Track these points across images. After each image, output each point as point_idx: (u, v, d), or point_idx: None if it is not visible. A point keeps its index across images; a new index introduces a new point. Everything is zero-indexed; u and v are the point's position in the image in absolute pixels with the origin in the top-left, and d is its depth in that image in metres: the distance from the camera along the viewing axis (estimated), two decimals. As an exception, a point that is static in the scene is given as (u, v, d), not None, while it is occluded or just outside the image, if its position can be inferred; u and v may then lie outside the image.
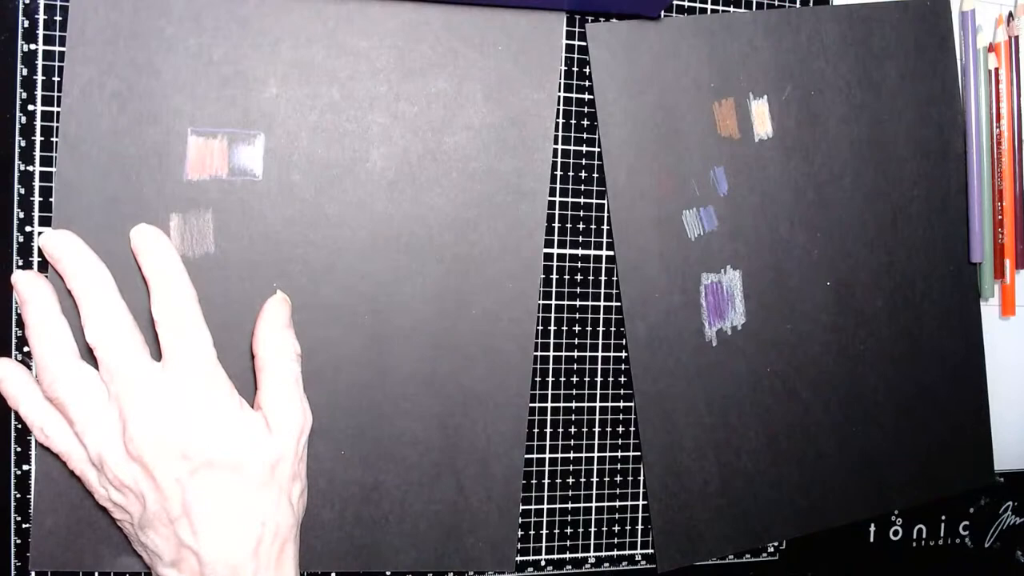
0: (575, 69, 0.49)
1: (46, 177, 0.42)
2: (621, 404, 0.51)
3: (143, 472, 0.38)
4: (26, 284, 0.41)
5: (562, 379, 0.50)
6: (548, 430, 0.50)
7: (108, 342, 0.39)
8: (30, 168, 0.42)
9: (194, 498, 0.38)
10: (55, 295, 0.41)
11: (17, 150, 0.42)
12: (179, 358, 0.39)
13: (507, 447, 0.48)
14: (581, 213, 0.49)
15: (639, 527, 0.51)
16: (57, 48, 0.42)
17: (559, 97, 0.49)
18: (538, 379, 0.49)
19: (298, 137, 0.44)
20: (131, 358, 0.39)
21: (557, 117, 0.49)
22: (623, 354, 0.50)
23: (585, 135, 0.49)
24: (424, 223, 0.46)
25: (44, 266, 0.42)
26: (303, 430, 0.42)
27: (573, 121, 0.49)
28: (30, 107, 0.42)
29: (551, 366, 0.49)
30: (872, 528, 0.56)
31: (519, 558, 0.49)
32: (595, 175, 0.50)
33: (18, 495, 0.43)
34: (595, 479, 0.51)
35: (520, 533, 0.49)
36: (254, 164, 0.44)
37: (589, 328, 0.50)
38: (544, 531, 0.50)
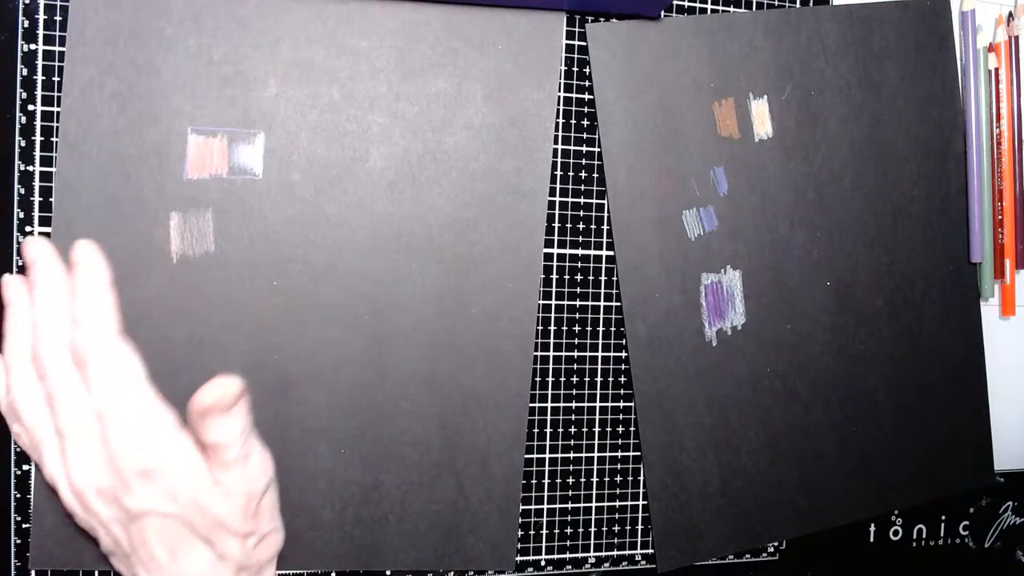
0: (575, 69, 0.49)
1: (46, 177, 0.42)
2: (621, 404, 0.51)
3: (86, 511, 0.37)
4: (10, 288, 0.40)
5: (562, 379, 0.50)
6: (548, 430, 0.50)
7: (50, 371, 0.37)
8: (30, 168, 0.42)
9: (139, 541, 0.37)
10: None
11: (17, 150, 0.42)
12: (106, 391, 0.37)
13: (507, 447, 0.48)
14: (581, 213, 0.49)
15: (639, 527, 0.51)
16: (57, 48, 0.42)
17: (559, 97, 0.49)
18: (538, 379, 0.49)
19: (298, 137, 0.44)
20: (69, 394, 0.37)
21: (557, 117, 0.49)
22: (623, 354, 0.50)
23: (585, 135, 0.49)
24: (424, 223, 0.46)
25: (44, 266, 0.42)
26: (264, 488, 0.39)
27: (573, 121, 0.49)
28: (30, 107, 0.42)
29: (551, 366, 0.49)
30: (872, 528, 0.56)
31: (519, 558, 0.49)
32: (595, 175, 0.50)
33: (18, 495, 0.43)
34: (595, 479, 0.51)
35: (520, 533, 0.49)
36: (254, 163, 0.44)
37: (589, 328, 0.50)
38: (544, 531, 0.50)
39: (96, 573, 0.44)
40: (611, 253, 0.50)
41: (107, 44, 0.42)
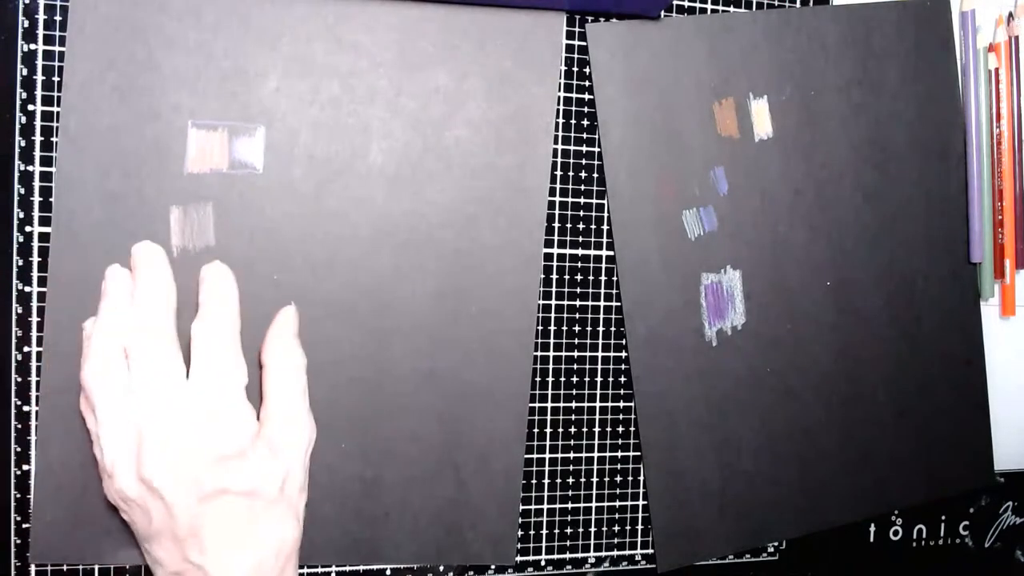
0: (575, 69, 0.49)
1: (46, 177, 0.42)
2: (621, 404, 0.51)
3: (151, 494, 0.38)
4: (114, 280, 0.41)
5: (562, 379, 0.50)
6: (548, 430, 0.50)
7: (141, 354, 0.39)
8: (30, 168, 0.42)
9: (204, 522, 0.38)
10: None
11: (17, 150, 0.42)
12: (207, 383, 0.39)
13: (507, 442, 0.48)
14: (581, 213, 0.49)
15: (639, 527, 0.51)
16: (57, 48, 0.42)
17: (559, 97, 0.49)
18: (538, 379, 0.49)
19: (299, 131, 0.44)
20: (159, 376, 0.38)
21: (557, 117, 0.49)
22: (623, 354, 0.50)
23: (585, 135, 0.49)
24: (424, 219, 0.46)
25: (43, 265, 0.42)
26: (309, 442, 0.42)
27: (573, 121, 0.49)
28: (30, 107, 0.42)
29: (551, 366, 0.49)
30: (872, 528, 0.56)
31: (519, 558, 0.49)
32: (595, 175, 0.50)
33: (18, 495, 0.43)
34: (595, 479, 0.51)
35: (520, 533, 0.49)
36: (255, 158, 0.44)
37: (589, 328, 0.50)
38: (544, 531, 0.50)
39: (96, 569, 0.44)
40: (611, 253, 0.50)
41: (107, 39, 0.42)
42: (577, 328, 0.50)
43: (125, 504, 0.39)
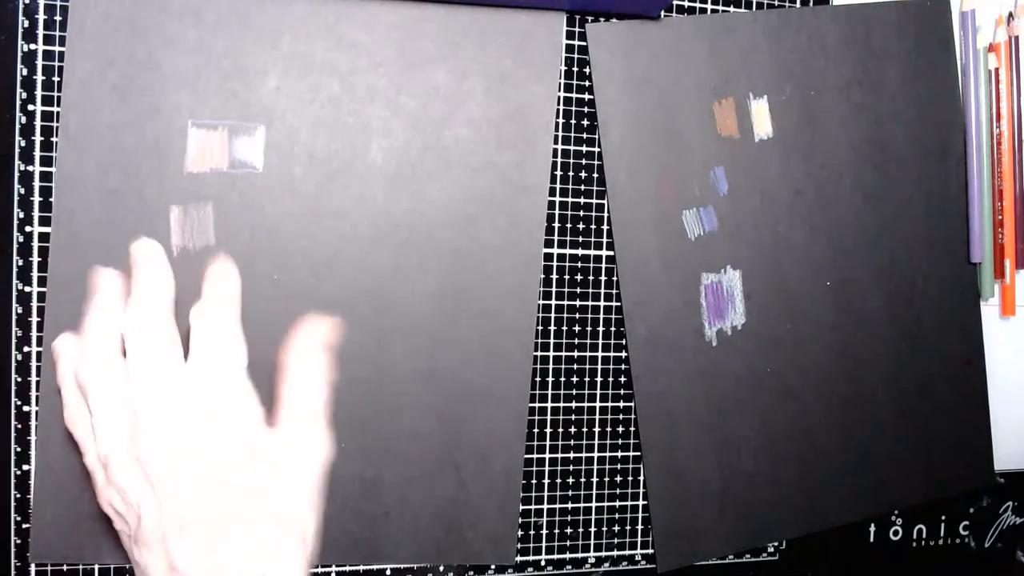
0: (575, 69, 0.49)
1: (46, 177, 0.42)
2: (621, 404, 0.51)
3: (143, 478, 0.37)
4: (103, 277, 0.40)
5: (562, 379, 0.50)
6: (548, 430, 0.50)
7: (140, 351, 0.38)
8: (30, 168, 0.42)
9: (195, 521, 0.37)
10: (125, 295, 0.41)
11: (17, 150, 0.42)
12: (206, 363, 0.38)
13: (507, 442, 0.48)
14: (581, 213, 0.49)
15: (639, 527, 0.51)
16: (57, 48, 0.42)
17: (559, 96, 0.49)
18: (538, 379, 0.49)
19: (298, 130, 0.44)
20: (157, 361, 0.38)
21: (557, 117, 0.49)
22: (623, 354, 0.50)
23: (585, 135, 0.49)
24: (424, 217, 0.46)
25: (43, 265, 0.42)
26: (324, 463, 0.40)
27: (573, 121, 0.49)
28: (30, 107, 0.42)
29: (551, 366, 0.49)
30: (872, 528, 0.56)
31: (519, 558, 0.49)
32: (595, 175, 0.50)
33: (18, 495, 0.43)
34: (595, 479, 0.51)
35: (520, 533, 0.49)
36: (255, 157, 0.44)
37: (589, 328, 0.50)
38: (544, 531, 0.50)
39: (96, 568, 0.44)
40: (611, 253, 0.50)
41: (107, 38, 0.42)
42: (577, 328, 0.50)
43: (120, 497, 0.38)
